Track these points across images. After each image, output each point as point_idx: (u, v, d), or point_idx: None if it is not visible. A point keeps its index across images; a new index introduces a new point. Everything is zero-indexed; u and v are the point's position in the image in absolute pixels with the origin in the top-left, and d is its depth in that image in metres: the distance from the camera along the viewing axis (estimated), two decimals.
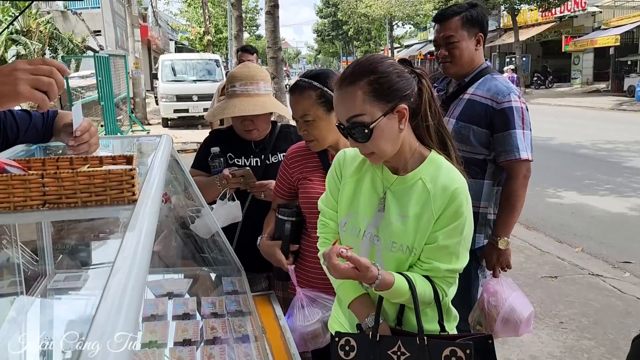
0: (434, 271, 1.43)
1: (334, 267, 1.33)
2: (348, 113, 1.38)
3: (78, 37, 20.61)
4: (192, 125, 15.12)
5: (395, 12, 35.55)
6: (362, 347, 1.43)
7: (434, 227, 1.42)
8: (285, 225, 2.02)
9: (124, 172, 0.95)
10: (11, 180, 0.90)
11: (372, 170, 1.53)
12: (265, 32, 9.89)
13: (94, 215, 0.92)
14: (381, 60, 1.41)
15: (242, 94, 2.24)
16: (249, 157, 2.36)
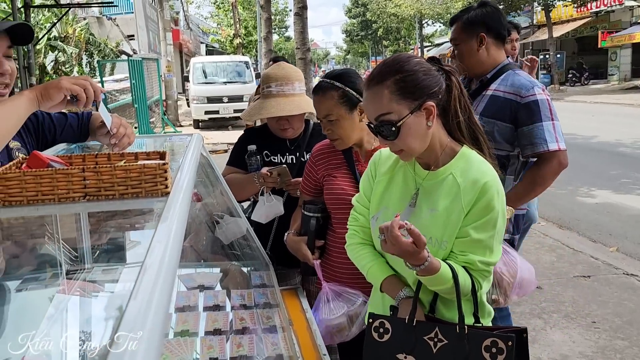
0: (469, 264, 1.44)
1: (395, 238, 1.30)
2: (376, 112, 1.42)
3: (112, 41, 21.15)
4: (222, 127, 15.35)
5: (425, 11, 35.25)
6: (397, 331, 1.45)
7: (464, 221, 1.44)
8: (311, 222, 2.07)
9: (158, 166, 1.02)
10: (55, 174, 0.98)
11: (405, 167, 1.57)
12: (294, 34, 9.97)
13: (130, 206, 0.99)
14: (407, 59, 1.44)
15: (278, 94, 2.30)
16: (284, 155, 2.42)
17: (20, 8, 9.26)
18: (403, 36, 47.86)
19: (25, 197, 0.97)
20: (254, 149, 2.33)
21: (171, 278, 0.65)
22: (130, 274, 1.09)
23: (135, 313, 0.51)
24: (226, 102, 14.94)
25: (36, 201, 0.98)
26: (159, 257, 0.68)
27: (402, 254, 1.36)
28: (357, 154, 2.07)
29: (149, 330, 0.49)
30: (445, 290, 1.43)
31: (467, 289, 1.44)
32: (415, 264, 1.36)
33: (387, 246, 1.35)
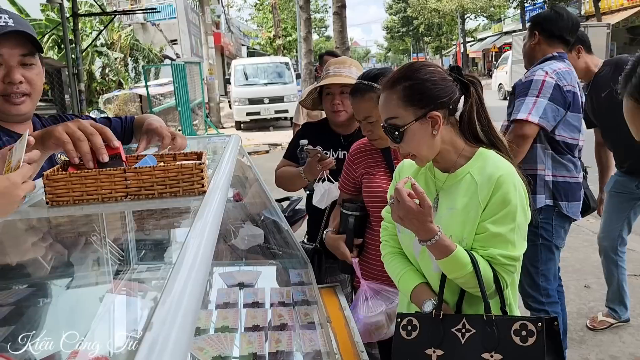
0: (491, 258, 1.43)
1: (403, 200, 1.34)
2: (386, 115, 1.49)
3: (156, 46, 21.74)
4: (264, 128, 15.53)
5: (468, 5, 34.58)
6: (424, 326, 1.46)
7: (482, 216, 1.45)
8: (349, 220, 2.08)
9: (194, 166, 1.05)
10: (99, 175, 1.03)
11: (426, 173, 1.61)
12: (333, 33, 10.01)
13: (168, 205, 1.02)
14: (420, 68, 1.49)
15: (335, 74, 2.38)
16: (337, 150, 2.45)
17: (68, 17, 9.65)
18: (445, 32, 47.13)
19: (71, 197, 1.02)
20: (305, 143, 2.39)
21: (203, 274, 0.67)
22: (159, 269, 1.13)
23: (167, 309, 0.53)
24: (267, 103, 15.10)
25: (81, 201, 1.03)
26: (192, 254, 0.71)
27: (408, 217, 1.37)
28: (396, 152, 2.07)
29: (179, 326, 0.51)
30: (465, 278, 1.42)
31: (489, 280, 1.43)
32: (425, 237, 1.38)
33: (394, 209, 1.39)
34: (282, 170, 2.48)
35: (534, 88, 2.58)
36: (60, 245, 1.15)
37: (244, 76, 16.29)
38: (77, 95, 9.33)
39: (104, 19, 15.01)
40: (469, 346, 1.38)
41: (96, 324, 0.96)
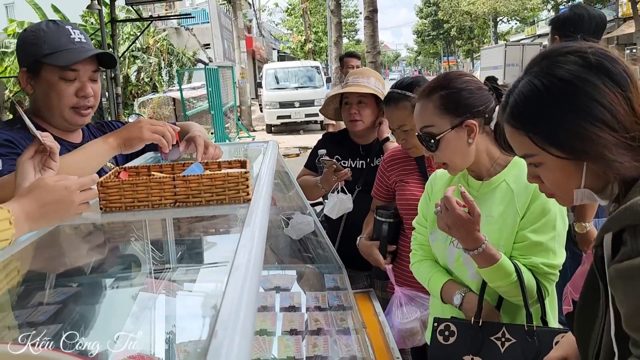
0: (533, 266, 1.43)
1: (453, 208, 1.34)
2: (421, 123, 1.51)
3: (189, 51, 22.10)
4: (294, 131, 15.63)
5: (500, 8, 34.10)
6: (462, 332, 1.46)
7: (520, 224, 1.45)
8: (383, 227, 2.10)
9: (240, 174, 1.09)
10: (150, 182, 1.08)
11: (459, 181, 1.61)
12: (365, 37, 10.03)
13: (215, 212, 1.06)
14: (456, 77, 1.51)
15: (353, 84, 2.41)
16: (355, 160, 2.48)
17: (107, 23, 9.91)
18: (476, 35, 46.57)
19: (123, 204, 1.07)
20: (324, 153, 2.42)
21: (257, 279, 0.70)
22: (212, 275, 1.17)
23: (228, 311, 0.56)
24: (298, 106, 15.21)
25: (133, 207, 1.07)
26: (245, 260, 0.74)
27: (455, 226, 1.37)
28: (430, 160, 2.08)
29: (241, 326, 0.54)
30: (507, 287, 1.41)
31: (532, 290, 1.42)
32: (471, 247, 1.37)
33: (442, 217, 1.38)
34: (302, 179, 2.52)
35: None
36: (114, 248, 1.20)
37: (275, 80, 16.45)
38: (114, 99, 9.58)
39: (140, 25, 15.36)
40: (508, 355, 1.38)
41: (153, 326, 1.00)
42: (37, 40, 1.45)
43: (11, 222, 0.86)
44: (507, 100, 1.03)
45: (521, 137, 1.01)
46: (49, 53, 1.43)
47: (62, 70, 1.45)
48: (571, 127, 0.92)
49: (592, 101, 0.90)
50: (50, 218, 0.95)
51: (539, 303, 1.45)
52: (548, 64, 0.97)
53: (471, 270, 1.54)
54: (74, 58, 1.45)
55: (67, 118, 1.51)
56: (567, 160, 0.95)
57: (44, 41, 1.44)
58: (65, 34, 1.47)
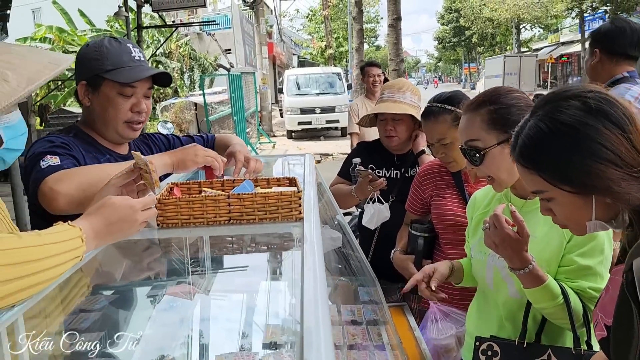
0: (581, 290, 1.42)
1: (502, 227, 1.33)
2: (467, 137, 1.51)
3: (211, 56, 22.32)
4: (314, 137, 15.67)
5: (524, 15, 33.78)
6: (506, 353, 1.45)
7: (567, 248, 1.44)
8: (419, 241, 2.09)
9: (293, 193, 1.10)
10: (205, 199, 1.10)
11: (501, 199, 1.61)
12: (388, 45, 10.04)
13: (269, 230, 1.08)
14: (506, 92, 1.51)
15: (389, 99, 2.42)
16: (389, 169, 2.49)
17: (133, 29, 10.07)
18: (499, 42, 46.23)
19: (179, 220, 1.09)
20: (358, 162, 2.44)
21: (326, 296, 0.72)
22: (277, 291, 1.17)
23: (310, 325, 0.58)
24: (318, 113, 15.25)
25: (188, 224, 1.09)
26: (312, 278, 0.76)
27: (503, 245, 1.36)
28: (467, 175, 2.07)
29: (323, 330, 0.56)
30: (553, 309, 1.40)
31: (578, 313, 1.41)
32: (518, 266, 1.36)
33: (489, 234, 1.38)
34: (335, 188, 2.54)
35: None
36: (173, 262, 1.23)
37: (297, 86, 16.52)
38: None
39: (164, 31, 15.58)
40: None
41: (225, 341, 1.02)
42: (100, 56, 1.50)
43: (83, 240, 0.90)
44: (516, 141, 1.10)
45: (532, 175, 1.08)
46: (111, 69, 1.49)
47: (121, 86, 1.50)
48: (578, 165, 0.98)
49: (594, 142, 0.97)
50: (115, 235, 0.98)
51: (585, 327, 1.43)
52: (551, 108, 1.04)
53: (512, 289, 1.53)
54: (135, 76, 1.50)
55: (120, 132, 1.56)
56: (576, 194, 1.02)
57: (106, 57, 1.50)
58: (127, 51, 1.53)
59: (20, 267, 0.82)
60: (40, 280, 0.85)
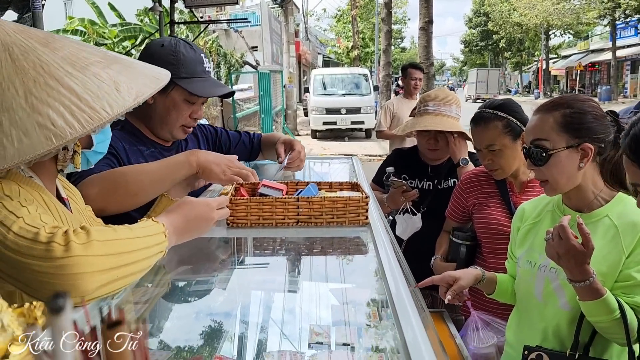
0: (636, 306, 1.40)
1: (568, 238, 1.31)
2: (534, 135, 1.49)
3: (237, 52, 22.47)
4: (339, 137, 15.69)
5: (554, 21, 33.29)
6: None
7: (625, 264, 1.42)
8: (461, 249, 2.09)
9: (361, 199, 1.12)
10: (275, 201, 1.12)
11: (553, 211, 1.60)
12: (418, 48, 9.99)
13: (336, 234, 1.10)
14: (584, 100, 1.50)
15: (435, 112, 2.37)
16: (422, 180, 2.48)
17: (166, 24, 10.19)
18: (526, 47, 45.64)
19: (249, 221, 1.12)
20: (392, 171, 2.43)
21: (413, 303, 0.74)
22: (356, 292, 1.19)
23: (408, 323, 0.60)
24: (344, 113, 15.25)
25: (257, 224, 1.12)
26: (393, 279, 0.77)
27: (567, 256, 1.34)
28: (512, 184, 2.07)
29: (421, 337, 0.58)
30: (608, 323, 1.38)
31: (634, 328, 1.39)
32: (579, 278, 1.35)
33: (552, 245, 1.36)
34: None
35: None
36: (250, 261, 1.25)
37: (323, 86, 16.54)
38: None
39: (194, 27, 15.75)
40: None
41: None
42: (176, 61, 1.53)
43: (166, 235, 0.93)
44: (629, 131, 1.09)
45: (634, 169, 1.09)
46: (185, 77, 1.53)
47: (190, 94, 1.53)
48: None
49: None
50: (193, 232, 1.02)
51: (638, 342, 1.42)
52: None
53: (562, 300, 1.53)
54: (209, 91, 1.56)
55: (174, 133, 1.61)
56: None
57: (182, 64, 1.53)
58: (200, 61, 1.58)
59: (117, 257, 0.87)
60: (133, 271, 0.90)
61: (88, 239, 0.84)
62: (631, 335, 1.38)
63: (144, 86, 0.91)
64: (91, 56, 0.92)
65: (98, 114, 0.85)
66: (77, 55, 0.91)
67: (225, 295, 1.11)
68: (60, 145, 0.85)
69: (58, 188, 1.11)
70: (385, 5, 14.60)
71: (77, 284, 0.81)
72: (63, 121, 0.85)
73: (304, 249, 1.16)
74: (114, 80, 0.88)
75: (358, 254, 1.08)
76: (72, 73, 0.88)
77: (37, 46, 0.90)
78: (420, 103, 2.46)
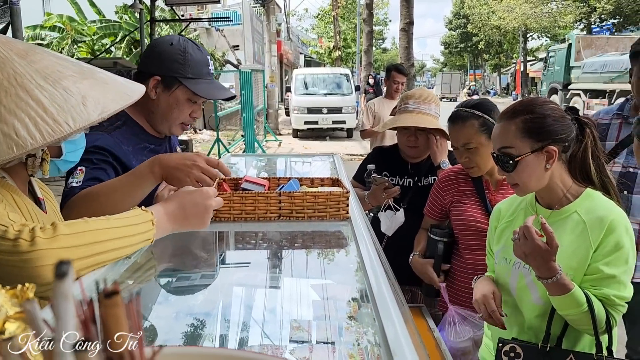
0: (605, 298, 1.46)
1: (532, 238, 1.37)
2: (500, 144, 1.54)
3: (219, 51, 22.35)
4: (320, 137, 15.72)
5: (531, 24, 33.83)
6: (529, 355, 1.50)
7: (593, 257, 1.48)
8: (438, 245, 2.14)
9: (342, 194, 1.15)
10: (257, 196, 1.14)
11: (526, 209, 1.66)
12: (399, 49, 10.08)
13: (317, 228, 1.13)
14: (542, 103, 1.55)
15: (415, 110, 2.42)
16: (403, 177, 2.52)
17: (146, 22, 10.10)
18: (505, 50, 46.28)
19: (231, 215, 1.14)
20: (372, 168, 2.46)
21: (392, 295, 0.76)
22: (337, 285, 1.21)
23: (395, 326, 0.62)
24: (325, 113, 15.29)
25: (240, 218, 1.14)
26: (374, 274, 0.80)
27: (533, 255, 1.40)
28: (488, 182, 2.12)
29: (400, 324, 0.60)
30: (577, 316, 1.44)
31: (602, 320, 1.45)
32: (546, 275, 1.41)
33: (519, 244, 1.42)
34: None
35: None
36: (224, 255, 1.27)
37: (304, 85, 16.55)
38: None
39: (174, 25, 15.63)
40: None
41: None
42: (184, 61, 1.56)
43: (153, 224, 0.96)
44: None
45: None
46: (191, 78, 1.55)
47: (193, 94, 1.55)
48: None
49: None
50: (192, 220, 1.05)
51: (607, 333, 1.48)
52: None
53: (535, 295, 1.58)
54: (213, 94, 1.58)
55: (173, 130, 1.63)
56: None
57: (189, 65, 1.56)
58: (206, 64, 1.61)
59: (86, 248, 0.92)
60: (105, 259, 0.95)
61: (54, 233, 0.90)
62: (599, 326, 1.44)
63: (112, 102, 0.95)
64: (66, 70, 0.96)
65: (60, 126, 0.89)
66: (52, 68, 0.95)
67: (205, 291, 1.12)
68: (20, 154, 0.89)
69: (35, 189, 1.16)
70: (367, 6, 14.69)
71: (43, 275, 0.87)
72: (26, 132, 0.89)
73: (285, 244, 1.19)
74: (83, 95, 0.92)
75: (339, 248, 1.11)
76: (43, 86, 0.92)
77: (14, 58, 0.93)
78: (401, 101, 2.51)
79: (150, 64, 1.62)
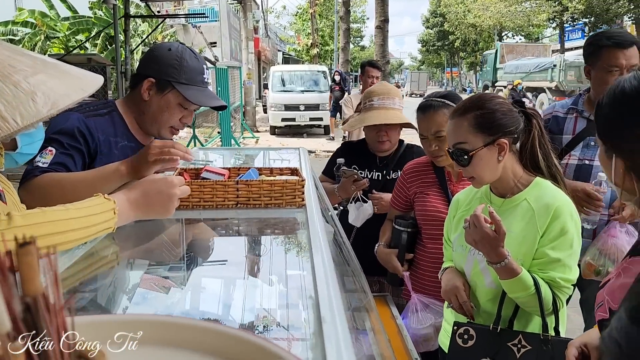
0: (551, 280, 1.55)
1: (481, 226, 1.45)
2: (454, 140, 1.62)
3: (196, 48, 22.16)
4: (297, 134, 15.75)
5: (506, 23, 34.33)
6: (481, 337, 1.58)
7: (540, 242, 1.57)
8: (402, 236, 2.20)
9: (297, 182, 1.20)
10: (216, 184, 1.19)
11: (481, 198, 1.74)
12: (374, 46, 10.17)
13: (274, 215, 1.18)
14: (490, 98, 1.64)
15: (380, 107, 2.48)
16: (372, 171, 2.58)
17: (120, 17, 10.00)
18: (481, 48, 46.86)
19: (190, 202, 1.18)
20: (342, 162, 2.53)
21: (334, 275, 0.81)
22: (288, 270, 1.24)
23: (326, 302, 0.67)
24: (303, 110, 15.33)
25: (199, 206, 1.18)
26: (321, 260, 0.85)
27: (482, 242, 1.48)
28: (450, 174, 2.19)
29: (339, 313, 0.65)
30: (525, 298, 1.53)
31: (548, 302, 1.54)
32: (495, 260, 1.49)
33: (469, 232, 1.50)
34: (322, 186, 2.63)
35: None
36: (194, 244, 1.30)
37: (282, 82, 16.56)
38: (123, 93, 9.67)
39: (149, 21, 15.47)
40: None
41: None
42: (179, 67, 1.59)
43: (115, 212, 0.98)
44: None
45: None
46: (184, 83, 1.58)
47: (184, 100, 1.58)
48: None
49: None
50: (156, 207, 1.05)
51: (554, 314, 1.56)
52: None
53: (488, 279, 1.66)
54: (205, 101, 1.61)
55: (162, 133, 1.66)
56: None
57: (184, 71, 1.59)
58: (201, 72, 1.63)
59: (43, 239, 0.91)
60: (62, 248, 0.95)
61: (8, 225, 0.89)
62: (545, 308, 1.52)
63: (65, 97, 0.90)
64: (18, 64, 0.92)
65: (7, 123, 0.86)
66: (4, 63, 0.90)
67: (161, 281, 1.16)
68: None
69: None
70: (344, 4, 14.76)
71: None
72: None
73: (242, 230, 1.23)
74: (33, 90, 0.88)
75: (292, 234, 1.15)
76: None
77: None
78: (365, 99, 2.55)
79: (147, 67, 1.66)
